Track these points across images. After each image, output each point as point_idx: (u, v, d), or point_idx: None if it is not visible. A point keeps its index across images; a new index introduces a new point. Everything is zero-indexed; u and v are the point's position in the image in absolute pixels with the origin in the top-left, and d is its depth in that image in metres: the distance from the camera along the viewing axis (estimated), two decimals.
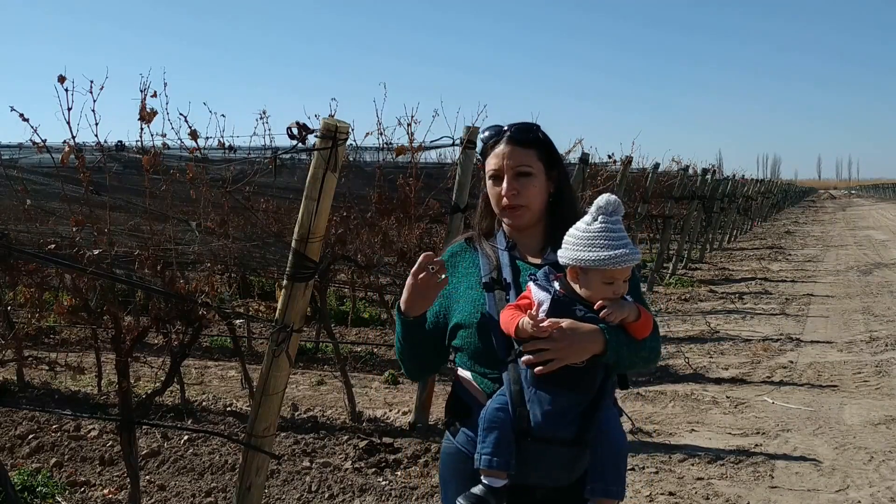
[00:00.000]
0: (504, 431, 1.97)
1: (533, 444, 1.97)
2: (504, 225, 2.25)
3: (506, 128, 2.20)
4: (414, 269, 2.10)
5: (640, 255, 2.03)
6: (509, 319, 2.02)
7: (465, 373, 2.18)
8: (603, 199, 2.02)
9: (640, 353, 2.08)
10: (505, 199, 2.15)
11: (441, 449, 2.28)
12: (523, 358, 1.98)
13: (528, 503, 2.06)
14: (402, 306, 2.17)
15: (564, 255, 2.03)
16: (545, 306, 2.00)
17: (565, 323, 1.97)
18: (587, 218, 2.03)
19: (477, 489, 1.99)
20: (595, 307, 2.00)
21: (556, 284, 2.04)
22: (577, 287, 2.03)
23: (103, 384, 6.63)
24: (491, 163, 2.19)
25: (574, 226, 2.05)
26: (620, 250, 1.96)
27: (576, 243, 2.01)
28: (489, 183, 2.21)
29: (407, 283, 2.13)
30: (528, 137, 2.19)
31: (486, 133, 2.23)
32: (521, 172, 2.15)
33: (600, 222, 2.00)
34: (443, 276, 2.09)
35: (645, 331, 2.07)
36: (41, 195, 4.70)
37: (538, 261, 2.20)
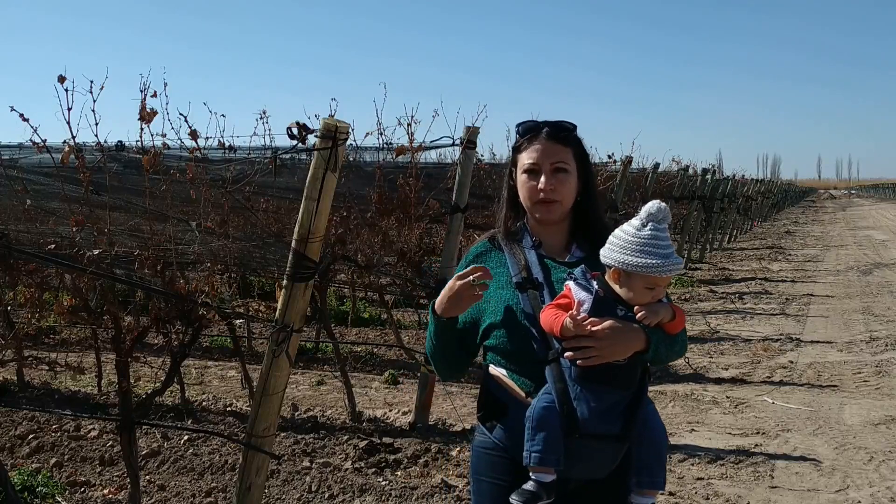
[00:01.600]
0: (553, 429, 2.01)
1: (580, 440, 2.02)
2: (530, 222, 2.29)
3: (544, 124, 2.24)
4: (460, 273, 2.12)
5: (682, 264, 2.08)
6: (552, 319, 2.05)
7: (499, 371, 2.20)
8: (654, 206, 2.05)
9: (675, 347, 2.17)
10: (542, 193, 2.19)
11: (474, 443, 2.31)
12: (567, 354, 2.03)
13: (562, 494, 2.09)
14: (437, 308, 2.19)
15: (610, 256, 2.05)
16: (587, 305, 2.04)
17: (608, 322, 2.01)
18: (636, 223, 2.05)
19: (529, 485, 2.03)
20: (634, 311, 2.05)
21: (595, 283, 2.07)
22: (616, 287, 2.07)
23: (103, 384, 6.63)
24: (528, 157, 2.22)
25: (621, 228, 2.08)
26: (668, 259, 2.01)
27: (624, 247, 2.03)
28: (523, 177, 2.23)
29: (447, 285, 2.15)
30: (566, 136, 2.24)
31: (525, 127, 2.26)
32: (559, 168, 2.20)
33: (650, 229, 2.03)
34: (480, 293, 2.10)
35: (679, 327, 2.13)
36: (41, 195, 4.71)
37: (564, 258, 2.25)
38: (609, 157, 10.88)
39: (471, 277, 2.08)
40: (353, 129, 2.89)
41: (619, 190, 10.09)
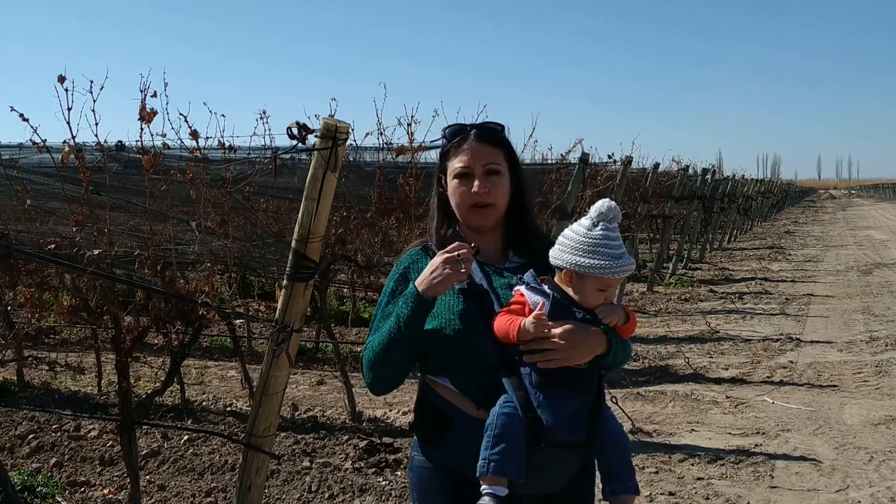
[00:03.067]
0: (515, 438, 1.93)
1: (546, 449, 1.94)
2: (463, 229, 2.20)
3: (471, 126, 2.16)
4: (446, 255, 1.99)
5: (634, 263, 2.04)
6: (507, 325, 1.98)
7: (441, 382, 2.10)
8: (604, 204, 1.99)
9: (627, 350, 2.12)
10: (477, 197, 2.11)
11: (414, 464, 2.18)
12: (525, 356, 1.97)
13: None
14: (420, 286, 2.01)
15: (562, 258, 1.99)
16: (545, 309, 1.98)
17: (568, 326, 1.96)
18: (586, 222, 2.00)
19: (483, 500, 1.90)
20: (596, 313, 2.01)
21: (546, 287, 2.02)
22: (569, 290, 2.02)
23: (103, 384, 6.63)
24: (459, 160, 2.13)
25: (571, 228, 2.03)
26: (620, 260, 1.96)
27: (575, 248, 1.98)
28: (455, 182, 2.14)
29: (436, 267, 1.99)
30: (496, 137, 2.17)
31: (451, 130, 2.17)
32: (492, 170, 2.13)
33: (601, 229, 1.98)
34: (465, 270, 1.99)
35: (632, 330, 2.08)
36: (41, 195, 4.71)
37: (503, 264, 2.18)
38: (609, 157, 10.86)
39: (455, 253, 1.98)
40: (353, 129, 2.88)
41: (619, 190, 10.08)
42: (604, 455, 2.01)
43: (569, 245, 1.99)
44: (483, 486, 1.92)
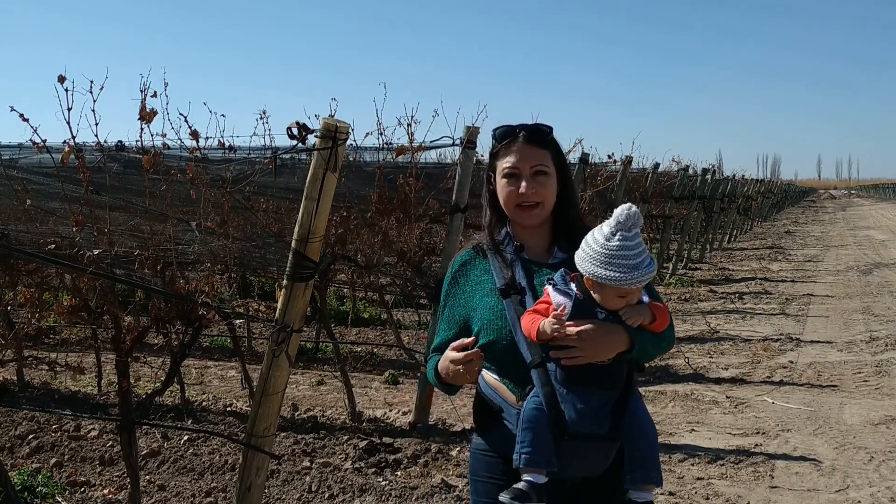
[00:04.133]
0: (542, 431, 2.02)
1: (570, 441, 2.03)
2: (511, 226, 2.31)
3: (520, 128, 2.26)
4: (460, 359, 2.14)
5: (655, 269, 2.05)
6: (530, 324, 2.05)
7: (491, 375, 2.22)
8: (623, 213, 2.00)
9: (661, 343, 2.17)
10: (524, 197, 2.20)
11: (471, 447, 2.35)
12: (551, 352, 2.04)
13: (559, 493, 2.10)
14: (442, 374, 2.22)
15: (581, 265, 2.05)
16: (567, 311, 2.03)
17: (586, 326, 2.01)
18: (605, 230, 2.02)
19: (520, 485, 2.03)
20: (619, 313, 2.05)
21: (573, 286, 2.07)
22: (592, 293, 2.07)
23: (103, 384, 6.63)
24: (507, 161, 2.24)
25: (592, 234, 2.06)
26: (636, 271, 1.98)
27: (593, 257, 2.01)
28: (503, 182, 2.25)
29: (450, 366, 2.16)
30: (544, 139, 2.26)
31: (501, 132, 2.27)
32: (540, 171, 2.22)
33: (619, 239, 1.99)
34: (477, 368, 2.15)
35: (663, 326, 2.12)
36: (41, 195, 4.70)
37: (547, 260, 2.27)
38: (609, 157, 10.91)
39: (464, 360, 2.12)
40: (353, 129, 2.89)
41: (619, 190, 10.09)
42: (629, 445, 2.06)
43: (588, 254, 2.03)
44: (523, 475, 2.03)
